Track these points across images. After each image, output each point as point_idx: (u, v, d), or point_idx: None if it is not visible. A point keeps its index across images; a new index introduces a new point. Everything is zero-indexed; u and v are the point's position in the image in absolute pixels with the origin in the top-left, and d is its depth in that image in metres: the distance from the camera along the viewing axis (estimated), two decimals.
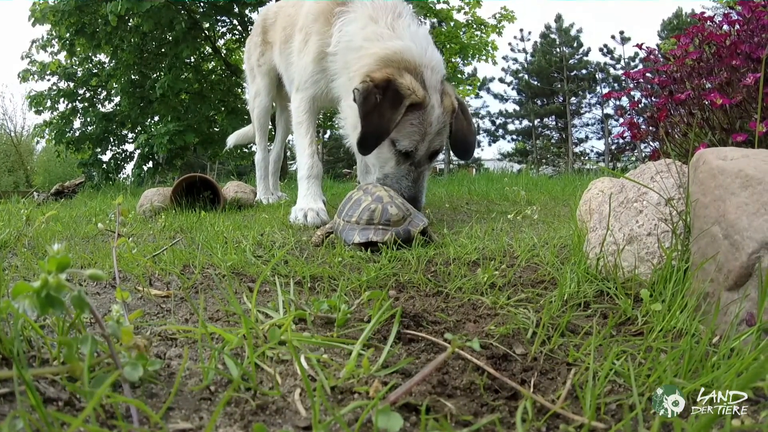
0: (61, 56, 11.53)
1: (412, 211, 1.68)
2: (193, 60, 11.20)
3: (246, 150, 13.22)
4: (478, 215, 2.52)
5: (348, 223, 1.66)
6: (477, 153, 34.41)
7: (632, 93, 1.79)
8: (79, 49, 10.80)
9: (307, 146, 2.44)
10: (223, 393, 0.64)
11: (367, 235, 1.58)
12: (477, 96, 30.73)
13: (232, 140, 4.07)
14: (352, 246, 1.59)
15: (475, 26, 12.30)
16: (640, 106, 1.74)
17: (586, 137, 31.69)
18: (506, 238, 1.67)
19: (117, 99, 12.06)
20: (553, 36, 31.84)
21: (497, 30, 12.39)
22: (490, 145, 34.73)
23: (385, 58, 2.03)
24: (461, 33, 11.91)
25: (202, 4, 10.36)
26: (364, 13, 2.15)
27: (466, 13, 12.29)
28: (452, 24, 11.90)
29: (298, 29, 2.50)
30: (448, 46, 11.66)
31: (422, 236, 1.61)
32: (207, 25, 10.70)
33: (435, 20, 11.64)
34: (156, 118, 11.79)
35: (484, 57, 12.38)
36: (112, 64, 11.41)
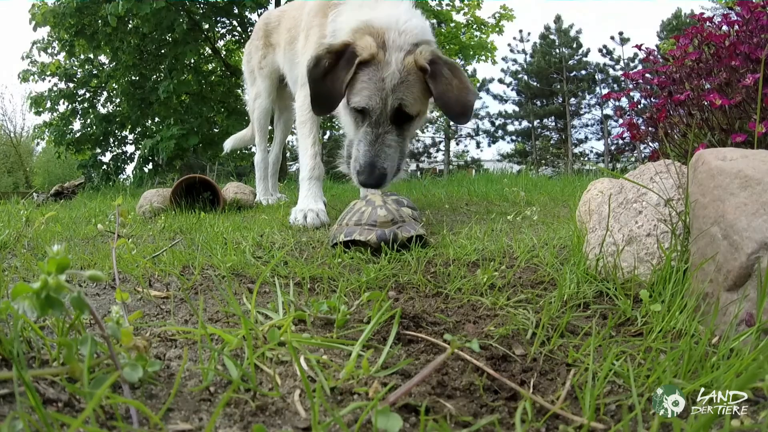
0: (61, 57, 11.54)
1: (406, 219, 1.66)
2: (193, 61, 11.22)
3: (245, 151, 13.22)
4: (478, 216, 2.52)
5: (339, 226, 1.68)
6: (476, 154, 34.41)
7: (631, 94, 1.79)
8: (78, 50, 10.81)
9: (310, 146, 2.43)
10: (222, 394, 0.64)
11: (351, 233, 1.56)
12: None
13: (229, 144, 4.06)
14: (337, 245, 1.58)
15: (474, 26, 12.32)
16: (639, 106, 1.74)
17: (586, 138, 31.74)
18: (506, 239, 1.67)
19: (117, 100, 12.07)
20: (552, 37, 31.88)
21: (497, 29, 12.41)
22: (489, 145, 34.85)
23: (354, 27, 2.05)
24: (461, 34, 11.93)
25: (201, 4, 10.37)
26: (355, 4, 2.19)
27: (465, 14, 12.32)
28: (452, 25, 11.92)
29: (302, 28, 2.54)
30: (447, 46, 11.68)
31: (417, 242, 1.59)
32: (207, 26, 10.72)
33: (434, 21, 11.66)
34: (156, 120, 11.80)
35: (483, 58, 12.40)
36: (111, 66, 11.42)
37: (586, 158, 31.03)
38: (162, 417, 0.57)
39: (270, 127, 3.82)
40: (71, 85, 11.76)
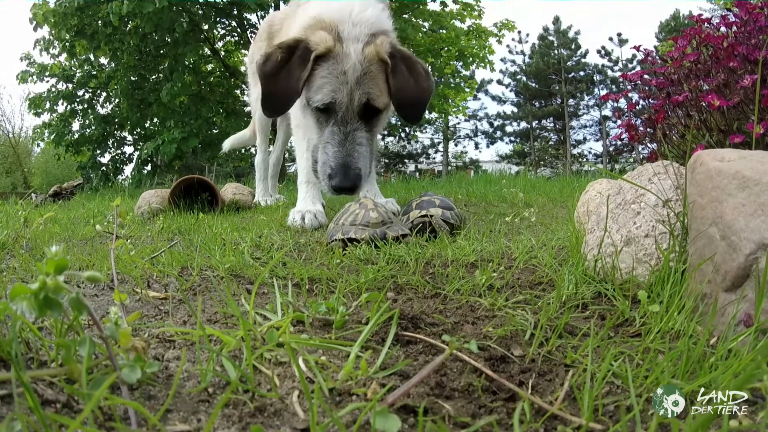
0: (62, 58, 11.53)
1: (394, 221, 1.80)
2: (192, 62, 11.22)
3: (244, 152, 13.23)
4: (476, 217, 2.52)
5: (336, 225, 1.79)
6: (475, 155, 34.42)
7: (630, 95, 1.79)
8: (78, 50, 10.80)
9: (306, 150, 2.43)
10: (221, 395, 0.64)
11: (348, 232, 1.70)
12: (475, 98, 30.89)
13: (228, 144, 4.06)
14: (334, 242, 1.71)
15: (475, 32, 12.36)
16: (637, 107, 1.74)
17: (584, 139, 31.81)
18: (504, 240, 1.67)
19: (116, 101, 12.07)
20: (551, 38, 31.95)
21: (496, 36, 12.47)
22: (488, 146, 34.91)
23: (305, 25, 1.98)
24: (460, 38, 11.94)
25: (201, 5, 10.37)
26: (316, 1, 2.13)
27: (462, 19, 12.36)
28: (453, 31, 11.93)
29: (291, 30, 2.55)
30: (447, 49, 11.69)
31: (401, 239, 1.73)
32: (206, 26, 10.72)
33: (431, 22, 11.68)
34: (155, 121, 11.79)
35: (482, 65, 12.45)
36: (111, 66, 11.42)
37: (584, 159, 31.09)
38: (160, 418, 0.57)
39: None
40: (70, 85, 11.75)
